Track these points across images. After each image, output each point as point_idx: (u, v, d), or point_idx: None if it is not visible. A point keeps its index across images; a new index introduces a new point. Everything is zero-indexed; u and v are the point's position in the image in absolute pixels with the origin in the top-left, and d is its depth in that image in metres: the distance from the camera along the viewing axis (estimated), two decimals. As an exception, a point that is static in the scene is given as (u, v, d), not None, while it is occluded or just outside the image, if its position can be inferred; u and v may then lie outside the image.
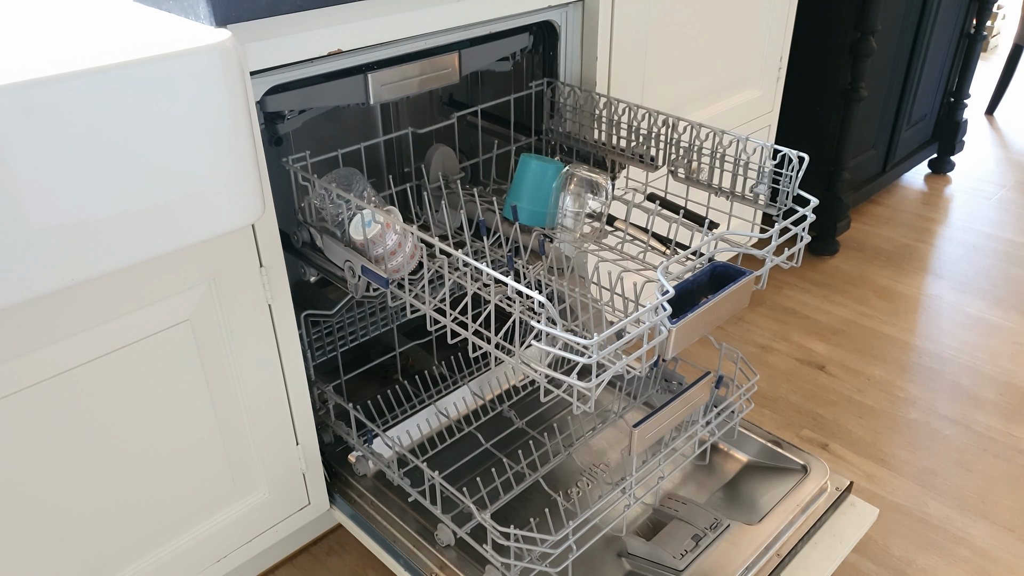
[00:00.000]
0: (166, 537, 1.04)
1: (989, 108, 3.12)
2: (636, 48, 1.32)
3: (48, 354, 0.84)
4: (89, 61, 0.66)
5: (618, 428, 1.32)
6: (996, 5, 3.76)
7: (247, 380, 1.02)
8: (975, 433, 1.52)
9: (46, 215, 0.67)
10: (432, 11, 1.02)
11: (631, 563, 1.09)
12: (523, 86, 1.31)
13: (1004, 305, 1.91)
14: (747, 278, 0.85)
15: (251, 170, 0.78)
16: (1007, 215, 2.34)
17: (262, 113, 0.98)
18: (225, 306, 0.96)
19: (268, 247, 0.97)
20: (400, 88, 1.09)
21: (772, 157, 1.01)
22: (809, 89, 2.00)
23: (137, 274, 0.87)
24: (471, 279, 0.88)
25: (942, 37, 2.27)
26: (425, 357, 1.46)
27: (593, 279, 1.02)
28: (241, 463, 1.08)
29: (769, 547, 1.08)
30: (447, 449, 1.27)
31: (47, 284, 0.69)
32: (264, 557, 1.26)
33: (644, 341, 0.78)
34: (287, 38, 0.90)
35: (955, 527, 1.33)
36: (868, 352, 1.75)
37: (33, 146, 0.65)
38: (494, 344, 0.86)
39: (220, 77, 0.73)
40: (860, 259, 2.12)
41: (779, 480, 1.20)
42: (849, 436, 1.52)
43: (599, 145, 1.21)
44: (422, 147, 1.32)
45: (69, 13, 0.82)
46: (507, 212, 1.12)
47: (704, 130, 1.08)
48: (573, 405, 0.80)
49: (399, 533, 1.12)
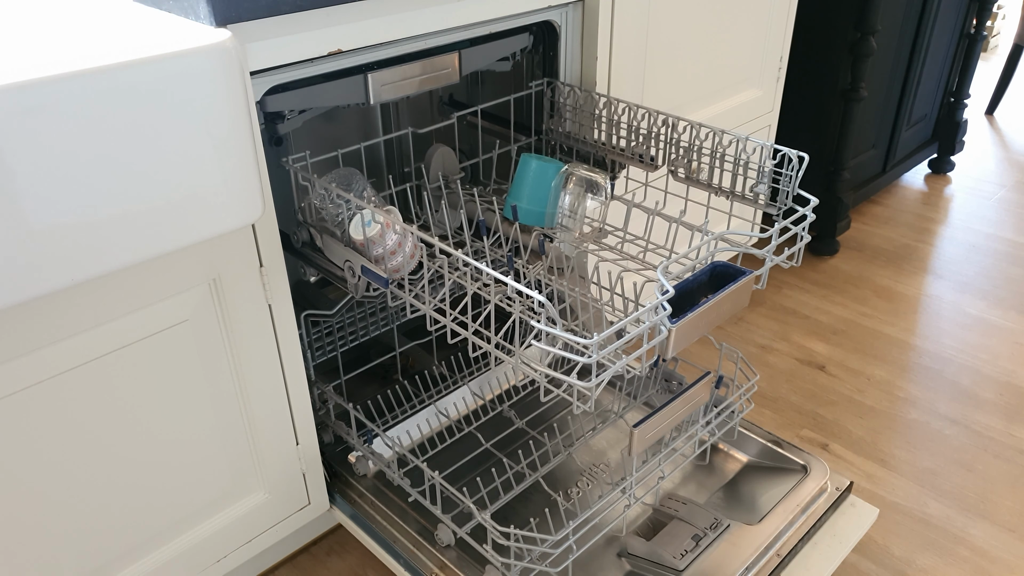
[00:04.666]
0: (166, 537, 1.04)
1: (989, 108, 3.12)
2: (636, 48, 1.32)
3: (48, 354, 0.84)
4: (89, 61, 0.66)
5: (618, 428, 1.32)
6: (996, 5, 3.76)
7: (247, 380, 1.02)
8: (975, 433, 1.52)
9: (46, 215, 0.67)
10: (432, 11, 1.02)
11: (631, 563, 1.08)
12: (523, 86, 1.31)
13: (1004, 305, 1.91)
14: (747, 278, 0.85)
15: (251, 170, 0.78)
16: (1007, 215, 2.34)
17: (262, 113, 0.98)
18: (225, 306, 0.96)
19: (268, 247, 0.97)
20: (400, 88, 1.09)
21: (772, 157, 1.01)
22: (809, 89, 2.00)
23: (137, 274, 0.87)
24: (471, 279, 0.88)
25: (942, 37, 2.27)
26: (425, 357, 1.46)
27: (593, 279, 1.02)
28: (241, 463, 1.08)
29: (769, 547, 1.08)
30: (447, 449, 1.27)
31: (47, 284, 0.69)
32: (264, 557, 1.26)
33: (644, 341, 0.78)
34: (287, 38, 0.90)
35: (955, 527, 1.33)
36: (868, 352, 1.75)
37: (33, 146, 0.65)
38: (494, 344, 0.86)
39: (220, 77, 0.73)
40: (860, 259, 2.12)
41: (779, 480, 1.20)
42: (849, 436, 1.52)
43: (599, 145, 1.21)
44: (422, 147, 1.33)
45: (69, 13, 0.82)
46: (507, 212, 1.12)
47: (704, 130, 1.08)
48: (573, 405, 0.80)
49: (399, 533, 1.12)
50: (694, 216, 1.60)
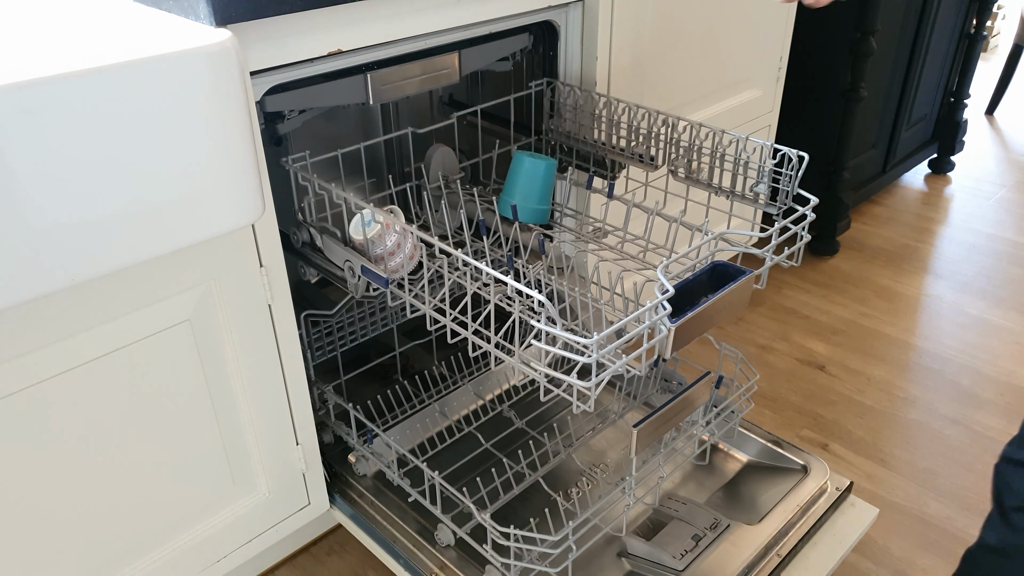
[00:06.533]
0: (166, 537, 1.04)
1: (989, 108, 3.12)
2: (636, 48, 1.32)
3: (48, 354, 0.84)
4: (89, 61, 0.66)
5: (618, 428, 1.32)
6: (996, 5, 3.76)
7: (247, 380, 1.02)
8: (975, 433, 1.52)
9: (46, 215, 0.67)
10: (432, 11, 1.02)
11: (631, 563, 1.08)
12: (523, 86, 1.31)
13: (1004, 305, 1.91)
14: (747, 277, 0.85)
15: (251, 170, 0.78)
16: (1007, 215, 2.34)
17: (262, 113, 0.98)
18: (225, 306, 0.96)
19: (268, 247, 0.97)
20: (400, 88, 1.09)
21: (772, 156, 1.01)
22: (809, 89, 2.00)
23: (137, 274, 0.87)
24: (471, 279, 0.88)
25: (942, 37, 2.27)
26: (425, 357, 1.46)
27: (593, 279, 1.02)
28: (241, 463, 1.08)
29: (769, 547, 1.07)
30: (447, 449, 1.27)
31: (47, 284, 0.69)
32: (264, 557, 1.26)
33: (644, 340, 0.78)
34: (287, 38, 0.90)
35: (955, 527, 1.33)
36: (868, 352, 1.75)
37: (33, 146, 0.65)
38: (494, 344, 0.86)
39: (220, 77, 0.73)
40: (860, 259, 2.12)
41: (779, 480, 1.20)
42: (849, 436, 1.52)
43: (599, 145, 1.21)
44: (422, 147, 1.32)
45: (69, 13, 0.82)
46: (502, 210, 1.12)
47: (704, 130, 1.08)
48: (573, 405, 0.80)
49: (399, 533, 1.12)
50: (694, 216, 1.60)
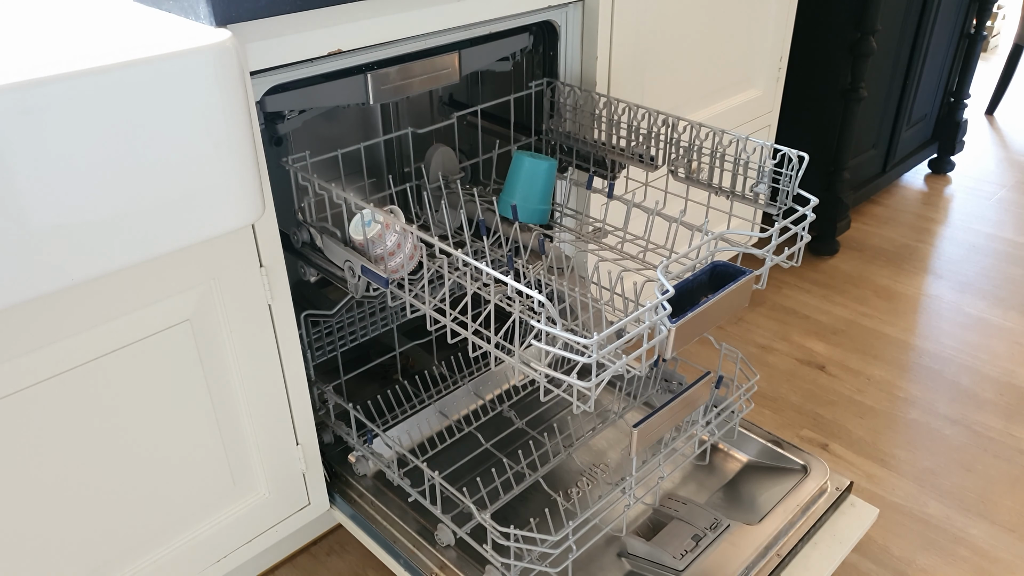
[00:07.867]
0: (166, 537, 1.04)
1: (989, 108, 3.12)
2: (636, 48, 1.32)
3: (48, 354, 0.84)
4: (89, 61, 0.66)
5: (618, 428, 1.32)
6: (996, 5, 3.76)
7: (247, 380, 1.02)
8: (975, 433, 1.52)
9: (46, 215, 0.67)
10: (432, 11, 1.02)
11: (631, 563, 1.08)
12: (523, 86, 1.31)
13: (1004, 305, 1.91)
14: (747, 277, 0.85)
15: (251, 170, 0.78)
16: (1007, 215, 2.34)
17: (262, 113, 0.98)
18: (225, 306, 0.96)
19: (268, 247, 0.97)
20: (400, 88, 1.09)
21: (772, 156, 1.01)
22: (809, 89, 2.00)
23: (137, 274, 0.87)
24: (471, 279, 0.88)
25: (942, 37, 2.27)
26: (425, 357, 1.46)
27: (593, 279, 1.02)
28: (241, 463, 1.08)
29: (769, 547, 1.07)
30: (447, 449, 1.27)
31: (47, 284, 0.69)
32: (264, 557, 1.26)
33: (644, 340, 0.78)
34: (287, 38, 0.90)
35: (955, 527, 1.33)
36: (868, 352, 1.75)
37: (33, 146, 0.65)
38: (494, 344, 0.86)
39: (220, 77, 0.73)
40: (860, 259, 2.12)
41: (779, 480, 1.20)
42: (849, 436, 1.52)
43: (599, 145, 1.21)
44: (422, 147, 1.33)
45: (69, 13, 0.82)
46: (502, 210, 1.12)
47: (704, 130, 1.08)
48: (573, 405, 0.80)
49: (399, 533, 1.12)
50: (694, 216, 1.60)
